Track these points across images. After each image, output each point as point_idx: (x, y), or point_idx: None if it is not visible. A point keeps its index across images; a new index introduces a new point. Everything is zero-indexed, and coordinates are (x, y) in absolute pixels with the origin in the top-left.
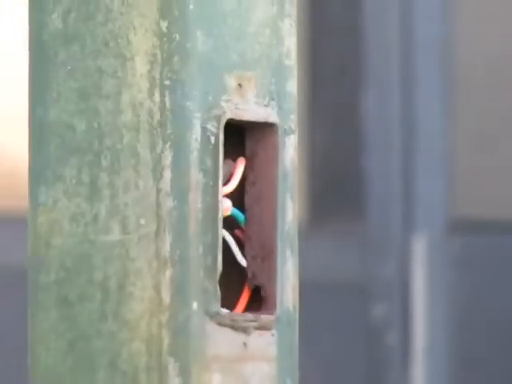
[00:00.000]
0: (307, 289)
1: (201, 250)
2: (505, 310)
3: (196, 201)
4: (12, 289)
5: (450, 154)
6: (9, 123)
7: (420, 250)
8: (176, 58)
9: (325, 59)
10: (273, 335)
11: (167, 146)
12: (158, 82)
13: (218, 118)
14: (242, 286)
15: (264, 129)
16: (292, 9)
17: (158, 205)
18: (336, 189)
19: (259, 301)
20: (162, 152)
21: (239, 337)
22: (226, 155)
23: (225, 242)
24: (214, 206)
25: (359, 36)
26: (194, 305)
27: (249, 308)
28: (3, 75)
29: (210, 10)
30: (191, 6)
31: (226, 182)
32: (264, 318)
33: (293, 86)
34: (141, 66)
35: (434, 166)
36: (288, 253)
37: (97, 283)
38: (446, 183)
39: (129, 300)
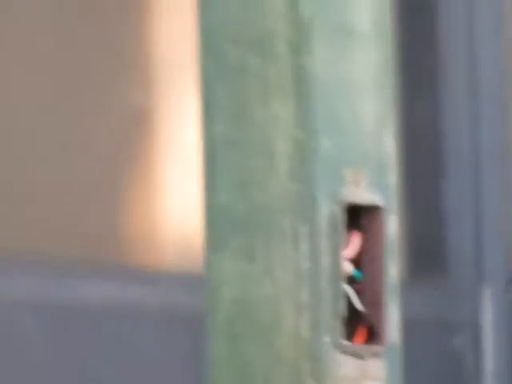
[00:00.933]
0: (406, 326)
1: (330, 298)
2: None
3: (325, 263)
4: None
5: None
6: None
7: (487, 297)
8: (308, 159)
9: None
10: (383, 361)
11: (303, 223)
12: (295, 176)
13: (339, 202)
14: (359, 325)
15: (373, 210)
16: (392, 120)
17: (298, 266)
18: (424, 251)
19: (372, 336)
20: (300, 228)
21: (359, 362)
22: (347, 229)
23: (347, 293)
24: (338, 266)
25: None
26: (325, 339)
27: (366, 341)
28: None
29: (333, 118)
30: (318, 119)
31: (347, 248)
32: (376, 348)
33: (394, 178)
34: (282, 163)
35: (495, 229)
36: (393, 301)
37: (255, 323)
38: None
39: (279, 336)
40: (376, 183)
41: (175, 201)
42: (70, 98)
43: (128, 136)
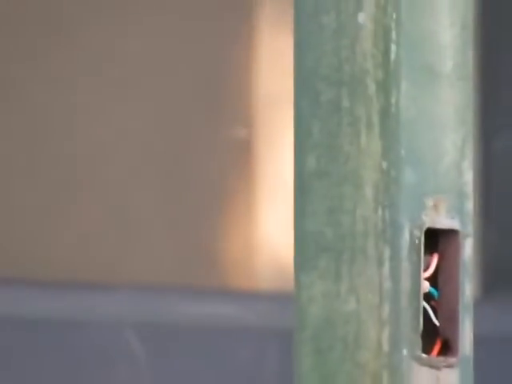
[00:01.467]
0: (479, 340)
1: (409, 315)
2: None
3: (406, 282)
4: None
5: None
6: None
7: None
8: (392, 187)
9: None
10: (457, 371)
11: (386, 246)
12: (379, 203)
13: (420, 227)
14: (435, 339)
15: (450, 234)
16: (470, 152)
17: (381, 285)
18: (498, 270)
19: (447, 349)
20: (383, 250)
21: (435, 372)
22: (426, 251)
23: (425, 309)
24: (418, 285)
25: None
26: (404, 351)
27: (440, 353)
28: None
29: (416, 151)
30: (403, 151)
31: (426, 269)
32: (450, 359)
33: (471, 204)
34: (368, 191)
35: None
36: (466, 317)
37: (340, 338)
38: None
39: (362, 349)
40: (454, 209)
41: (272, 227)
42: (178, 132)
43: (231, 167)
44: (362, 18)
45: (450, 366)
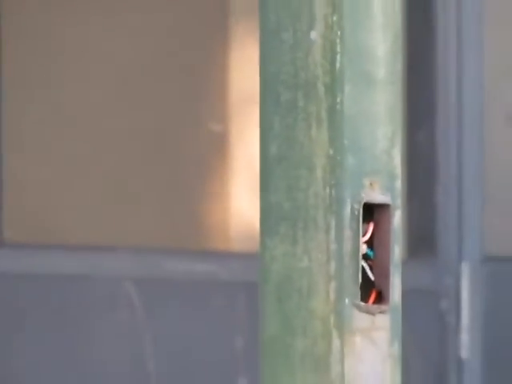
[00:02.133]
0: (405, 293)
1: (350, 271)
2: None
3: (348, 245)
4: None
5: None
6: None
7: (466, 272)
8: (337, 170)
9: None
10: (388, 316)
11: (332, 217)
12: (327, 182)
13: (359, 202)
14: (371, 290)
15: (383, 207)
16: (398, 142)
17: (328, 247)
18: (420, 237)
19: (380, 298)
20: (330, 220)
21: (370, 317)
22: (364, 221)
23: (363, 267)
24: (357, 248)
25: None
26: (347, 300)
27: (375, 302)
28: None
29: (356, 141)
30: (345, 141)
31: (364, 235)
32: (383, 307)
33: (399, 183)
34: (318, 173)
35: (473, 221)
36: (396, 273)
37: (296, 289)
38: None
39: (313, 298)
40: (386, 188)
41: (243, 201)
42: (166, 121)
43: (211, 152)
44: (313, 35)
45: (382, 312)
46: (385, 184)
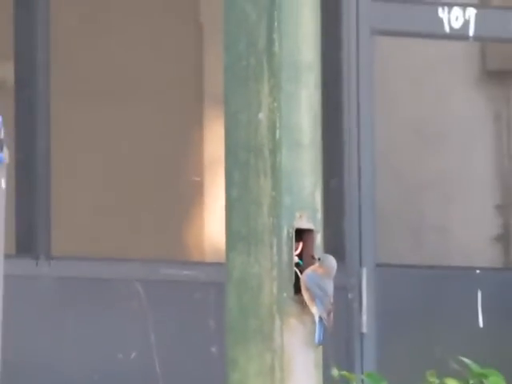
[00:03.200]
0: None
1: (287, 274)
2: None
3: (285, 257)
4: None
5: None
6: None
7: (365, 273)
8: (277, 206)
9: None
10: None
11: (274, 237)
12: (271, 215)
13: (292, 227)
14: (300, 286)
15: (309, 231)
16: (319, 188)
17: (272, 258)
18: (334, 249)
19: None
20: (273, 240)
21: (300, 305)
22: (296, 240)
23: (296, 272)
24: (291, 258)
25: None
26: (285, 294)
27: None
28: None
29: (291, 188)
30: (284, 187)
31: (296, 249)
32: None
33: (319, 215)
34: (265, 209)
35: (370, 238)
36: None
37: (250, 287)
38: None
39: (262, 294)
40: (310, 218)
41: (214, 227)
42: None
43: (191, 195)
44: (260, 116)
45: None
46: (310, 216)
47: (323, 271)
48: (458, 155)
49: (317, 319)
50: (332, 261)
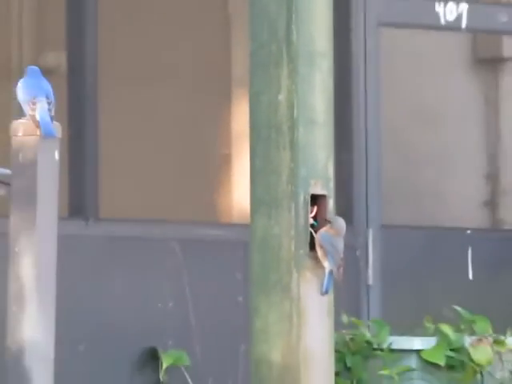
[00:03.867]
0: None
1: (304, 233)
2: None
3: (302, 218)
4: None
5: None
6: None
7: (371, 233)
8: (295, 176)
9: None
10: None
11: (292, 202)
12: (290, 182)
13: (308, 193)
14: (314, 245)
15: (322, 197)
16: (331, 159)
17: (290, 220)
18: (342, 212)
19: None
20: (291, 204)
21: (315, 260)
22: (311, 204)
23: (311, 232)
24: (307, 220)
25: None
26: (301, 251)
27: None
28: None
29: (306, 161)
30: (300, 159)
31: (311, 212)
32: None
33: (331, 184)
34: (284, 178)
35: (375, 199)
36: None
37: (270, 246)
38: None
39: (281, 250)
40: (324, 186)
41: (241, 193)
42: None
43: (221, 165)
44: (280, 97)
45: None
46: (323, 184)
47: (334, 231)
48: (452, 133)
49: (327, 272)
50: (342, 222)
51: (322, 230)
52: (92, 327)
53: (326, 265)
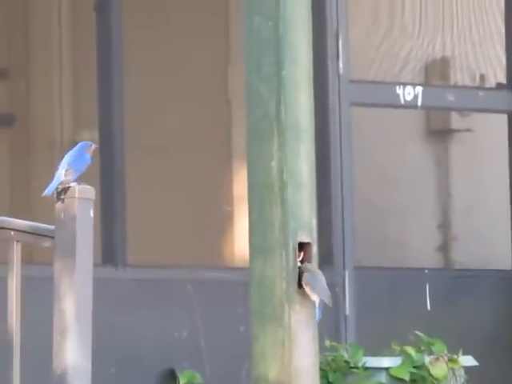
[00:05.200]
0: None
1: (294, 273)
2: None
3: (291, 262)
4: None
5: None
6: None
7: (347, 274)
8: (285, 227)
9: None
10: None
11: (283, 249)
12: (282, 232)
13: (296, 241)
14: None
15: (308, 244)
16: (314, 214)
17: (281, 263)
18: (324, 257)
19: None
20: (282, 250)
21: (303, 296)
22: (299, 250)
23: (299, 272)
24: (296, 263)
25: None
26: (291, 288)
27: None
28: None
29: (294, 215)
30: (289, 214)
31: (299, 257)
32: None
33: (315, 233)
34: (277, 229)
35: (349, 247)
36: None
37: (266, 286)
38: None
39: (274, 288)
40: (309, 235)
41: (242, 243)
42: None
43: (224, 220)
44: (272, 163)
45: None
46: (308, 233)
47: (313, 272)
48: (410, 191)
49: (317, 304)
50: (312, 266)
51: (305, 273)
52: (122, 353)
53: (315, 297)
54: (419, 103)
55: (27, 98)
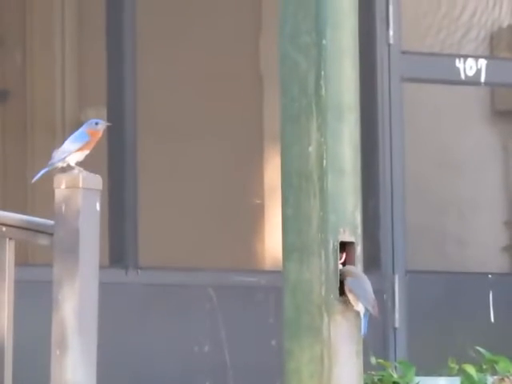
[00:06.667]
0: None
1: (334, 278)
2: None
3: (331, 264)
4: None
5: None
6: None
7: (397, 279)
8: (325, 223)
9: None
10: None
11: (322, 249)
12: (320, 230)
13: (337, 240)
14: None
15: (351, 244)
16: (359, 208)
17: (321, 266)
18: (371, 260)
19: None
20: (321, 250)
21: (345, 304)
22: (340, 251)
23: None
24: (337, 266)
25: None
26: (332, 295)
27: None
28: None
29: (335, 208)
30: (329, 208)
31: (340, 259)
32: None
33: (359, 231)
34: (314, 225)
35: (401, 247)
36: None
37: (303, 290)
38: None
39: (312, 294)
40: (352, 233)
41: (274, 241)
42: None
43: (255, 213)
44: (310, 148)
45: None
46: (351, 231)
47: (356, 276)
48: (472, 181)
49: (362, 314)
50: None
51: (348, 278)
52: (132, 371)
53: (360, 307)
54: (482, 79)
55: (23, 70)
